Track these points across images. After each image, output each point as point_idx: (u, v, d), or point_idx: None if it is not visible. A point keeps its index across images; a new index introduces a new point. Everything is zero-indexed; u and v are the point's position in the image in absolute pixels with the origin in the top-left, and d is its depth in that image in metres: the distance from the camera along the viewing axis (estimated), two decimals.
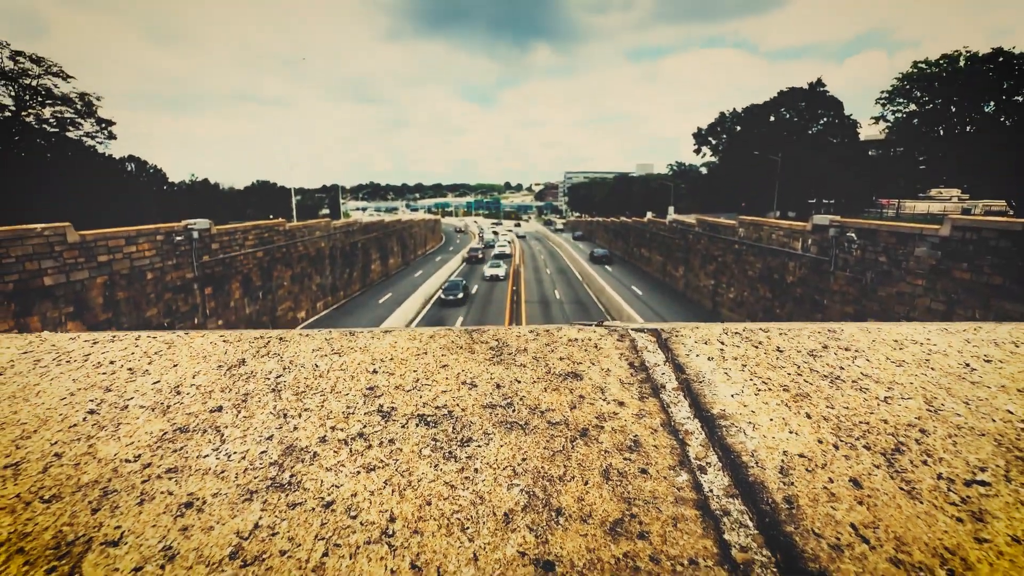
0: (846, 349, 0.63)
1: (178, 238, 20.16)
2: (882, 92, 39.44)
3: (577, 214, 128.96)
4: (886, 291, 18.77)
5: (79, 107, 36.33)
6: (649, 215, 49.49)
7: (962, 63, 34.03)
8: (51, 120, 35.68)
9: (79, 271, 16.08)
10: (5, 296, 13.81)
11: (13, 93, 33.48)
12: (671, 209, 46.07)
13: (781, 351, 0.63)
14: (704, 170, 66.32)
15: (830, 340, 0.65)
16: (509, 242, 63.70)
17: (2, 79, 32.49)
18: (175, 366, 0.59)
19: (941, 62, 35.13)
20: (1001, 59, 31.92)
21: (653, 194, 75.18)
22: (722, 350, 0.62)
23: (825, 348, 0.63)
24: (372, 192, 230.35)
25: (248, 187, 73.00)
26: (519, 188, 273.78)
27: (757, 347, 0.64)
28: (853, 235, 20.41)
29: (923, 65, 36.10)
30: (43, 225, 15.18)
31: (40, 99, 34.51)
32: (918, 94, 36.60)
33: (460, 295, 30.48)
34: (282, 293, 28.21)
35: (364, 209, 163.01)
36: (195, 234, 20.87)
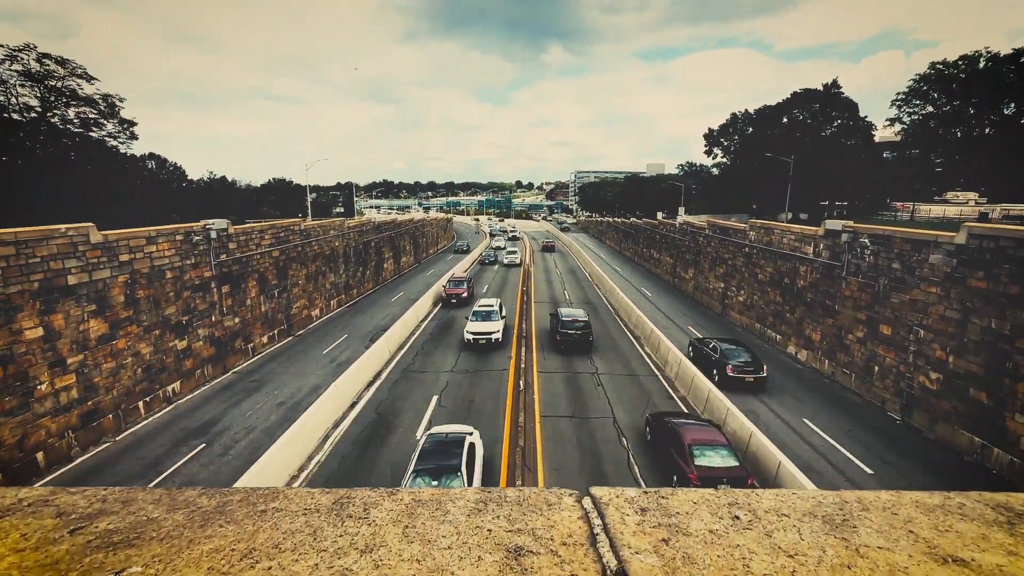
0: None
1: (197, 238, 20.67)
2: (898, 93, 38.85)
3: (587, 213, 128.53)
4: (899, 298, 18.56)
5: (102, 108, 37.27)
6: (660, 215, 49.25)
7: (982, 64, 33.34)
8: (75, 120, 36.65)
9: (101, 270, 16.62)
10: (31, 295, 14.37)
11: (39, 95, 34.47)
12: (681, 210, 45.82)
13: None
14: (715, 171, 65.77)
15: None
16: (516, 264, 48.88)
17: (29, 80, 33.47)
18: None
19: (960, 63, 34.45)
20: (1023, 60, 31.23)
21: (664, 194, 74.76)
22: None
23: None
24: (386, 190, 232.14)
25: (264, 185, 73.98)
26: (530, 187, 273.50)
27: None
28: (866, 241, 20.22)
29: (941, 66, 35.42)
30: (67, 225, 15.70)
31: (65, 100, 35.46)
32: (935, 95, 35.89)
33: None
34: (297, 291, 28.70)
35: (378, 208, 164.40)
36: (213, 234, 21.36)
